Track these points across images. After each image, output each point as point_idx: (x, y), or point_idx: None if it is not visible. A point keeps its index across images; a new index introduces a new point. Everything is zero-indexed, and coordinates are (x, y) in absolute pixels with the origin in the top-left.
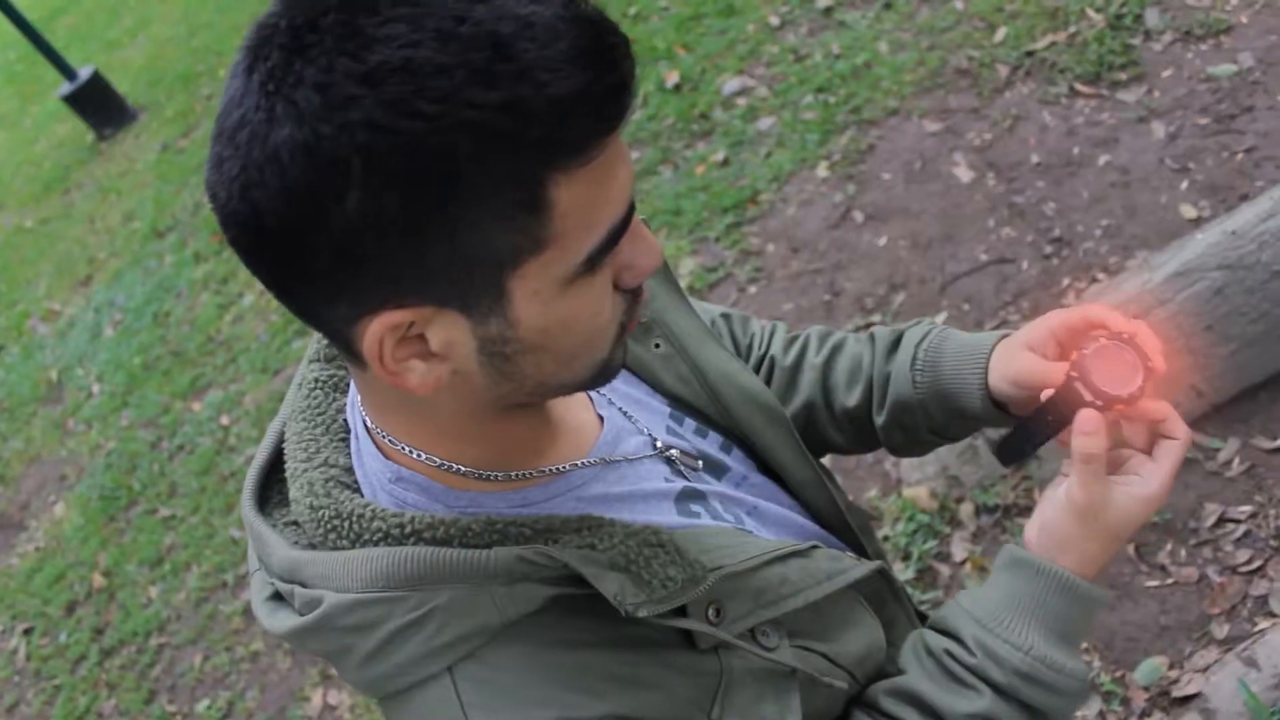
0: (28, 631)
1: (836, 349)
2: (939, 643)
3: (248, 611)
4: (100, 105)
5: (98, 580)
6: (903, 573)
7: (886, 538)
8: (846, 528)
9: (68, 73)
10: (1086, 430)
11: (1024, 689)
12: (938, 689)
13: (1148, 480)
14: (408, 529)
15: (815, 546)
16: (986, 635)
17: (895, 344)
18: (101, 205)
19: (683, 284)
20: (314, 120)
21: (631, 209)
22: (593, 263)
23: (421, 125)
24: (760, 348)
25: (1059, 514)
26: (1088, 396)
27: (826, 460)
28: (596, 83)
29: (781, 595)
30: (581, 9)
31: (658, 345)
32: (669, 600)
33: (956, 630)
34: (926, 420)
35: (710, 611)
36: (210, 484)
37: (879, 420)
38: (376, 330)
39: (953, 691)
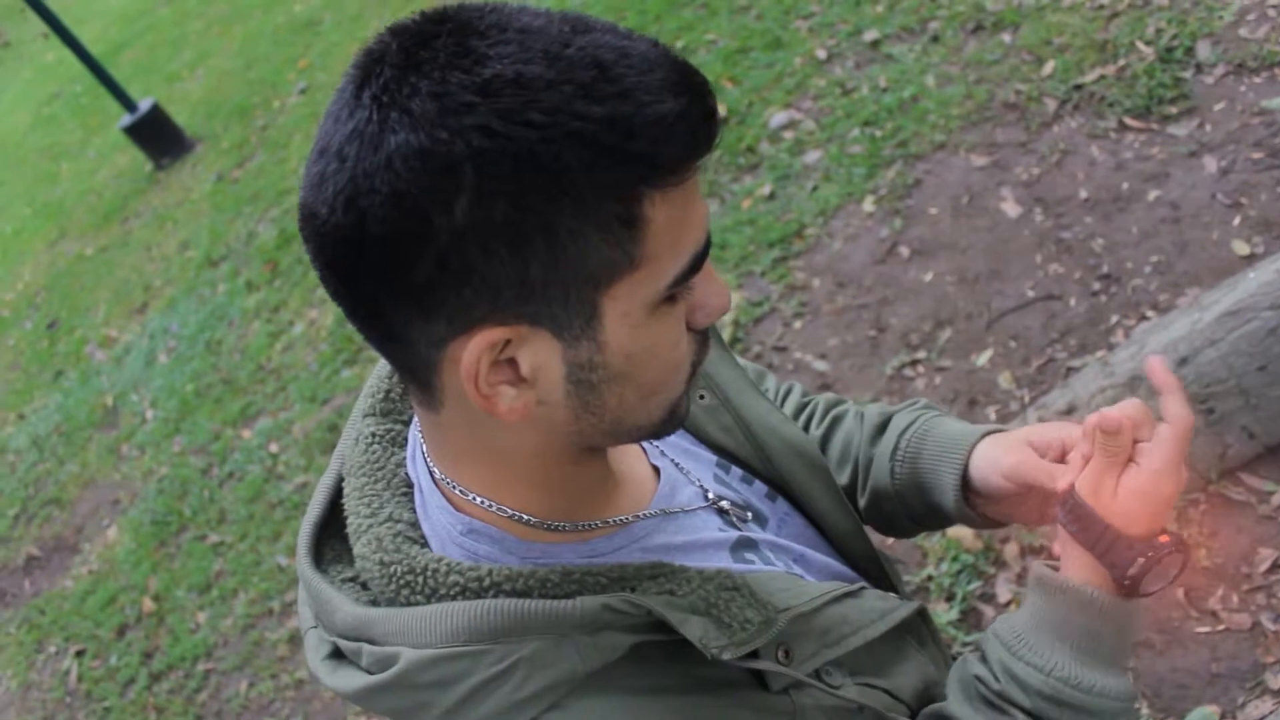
0: (80, 653)
1: (835, 422)
2: (972, 668)
3: (293, 639)
4: (159, 136)
5: (148, 604)
6: (947, 613)
7: (931, 577)
8: (883, 574)
9: (129, 105)
10: (1109, 428)
11: (1051, 711)
12: (973, 713)
13: (1142, 468)
14: (486, 582)
15: (864, 587)
16: (1009, 658)
17: (882, 428)
18: (158, 234)
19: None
20: (429, 126)
21: (709, 242)
22: (675, 289)
23: (533, 134)
24: None
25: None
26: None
27: None
28: (690, 108)
29: (843, 635)
30: (668, 48)
31: (702, 396)
32: (749, 642)
33: (985, 654)
34: (904, 509)
35: (780, 653)
36: (259, 511)
37: (861, 502)
38: (475, 348)
39: (987, 715)
